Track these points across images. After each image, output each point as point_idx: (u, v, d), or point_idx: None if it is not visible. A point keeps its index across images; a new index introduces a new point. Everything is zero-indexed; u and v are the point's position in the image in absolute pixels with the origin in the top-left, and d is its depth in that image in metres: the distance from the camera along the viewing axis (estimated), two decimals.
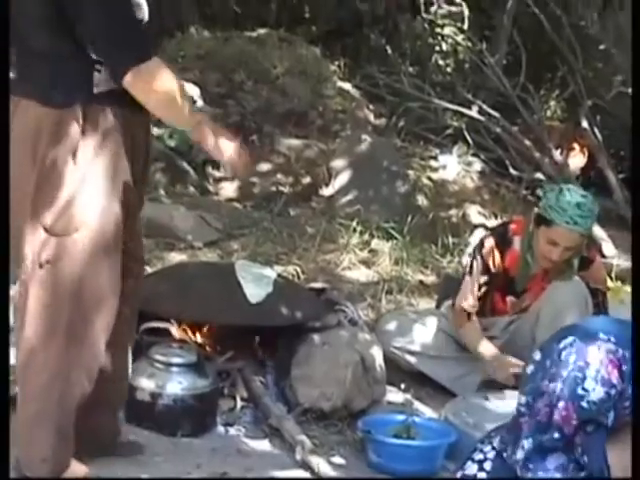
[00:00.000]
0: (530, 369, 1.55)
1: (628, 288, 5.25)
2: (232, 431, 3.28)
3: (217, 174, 6.05)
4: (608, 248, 5.47)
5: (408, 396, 3.70)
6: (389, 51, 7.89)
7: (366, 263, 5.15)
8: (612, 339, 1.46)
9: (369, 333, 3.71)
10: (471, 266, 3.74)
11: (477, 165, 6.75)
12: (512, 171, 6.63)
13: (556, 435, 1.45)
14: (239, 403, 3.37)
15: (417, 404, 3.66)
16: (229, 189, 6.01)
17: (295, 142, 6.38)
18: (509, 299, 3.81)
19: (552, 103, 7.97)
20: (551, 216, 3.51)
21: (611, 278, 4.67)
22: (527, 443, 1.47)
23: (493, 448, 1.56)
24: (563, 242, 3.54)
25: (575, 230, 3.52)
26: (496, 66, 7.24)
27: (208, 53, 6.82)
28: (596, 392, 1.43)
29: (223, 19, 7.73)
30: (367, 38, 8.29)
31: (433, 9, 8.61)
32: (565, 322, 3.53)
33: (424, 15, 8.57)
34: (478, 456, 1.58)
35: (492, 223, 5.84)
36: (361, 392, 3.46)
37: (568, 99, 7.74)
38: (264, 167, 6.17)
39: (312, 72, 6.98)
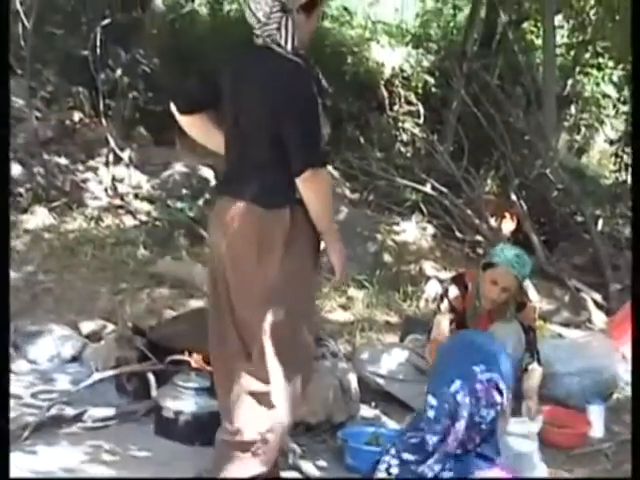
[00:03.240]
0: (432, 414, 1.54)
1: (549, 326, 5.29)
2: None
3: None
4: (532, 294, 5.49)
5: (377, 412, 3.70)
6: (362, 140, 7.96)
7: (344, 307, 5.15)
8: (482, 367, 1.46)
9: (346, 363, 3.70)
10: (439, 307, 3.72)
11: (430, 229, 6.76)
12: (458, 234, 6.66)
13: (458, 451, 1.47)
14: None
15: (384, 418, 3.66)
16: None
17: None
18: None
19: (488, 181, 8.02)
20: (494, 260, 3.57)
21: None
22: (437, 467, 1.49)
23: (397, 457, 1.57)
24: (501, 282, 3.56)
25: (512, 272, 3.55)
26: (445, 152, 7.32)
27: None
28: (490, 415, 1.46)
29: None
30: (344, 130, 8.35)
31: (396, 108, 8.70)
32: None
33: (389, 113, 8.66)
34: (384, 465, 1.59)
35: (443, 275, 5.84)
36: (340, 409, 3.46)
37: (501, 178, 7.81)
38: None
39: None
